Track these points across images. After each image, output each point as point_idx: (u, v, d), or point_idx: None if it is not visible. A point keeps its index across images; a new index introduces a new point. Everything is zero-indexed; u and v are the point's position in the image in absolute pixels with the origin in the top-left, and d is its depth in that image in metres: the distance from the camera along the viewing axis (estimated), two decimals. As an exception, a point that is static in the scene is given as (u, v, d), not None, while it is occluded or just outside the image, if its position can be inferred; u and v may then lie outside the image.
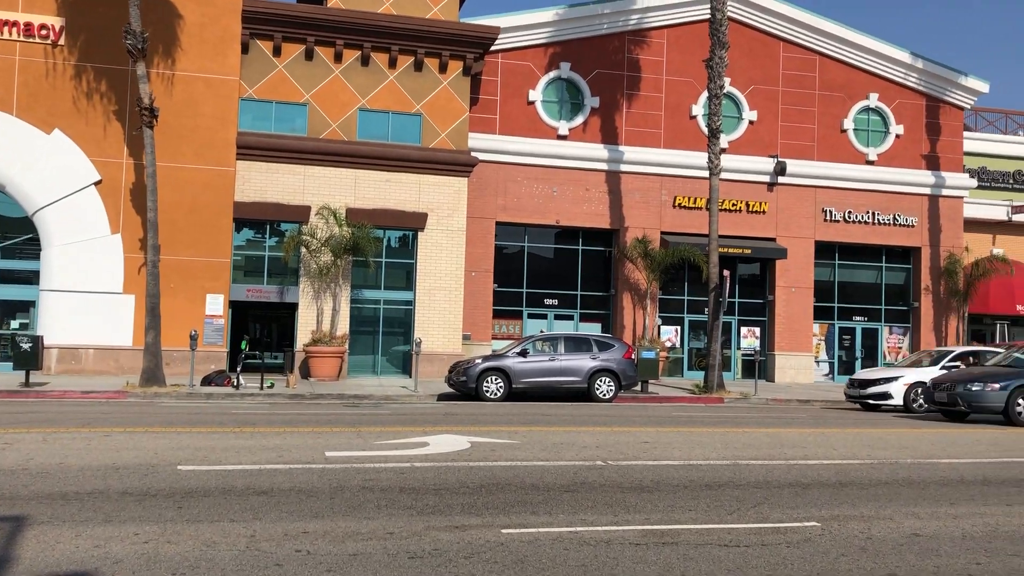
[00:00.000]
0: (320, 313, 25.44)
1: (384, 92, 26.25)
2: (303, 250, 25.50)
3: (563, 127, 28.44)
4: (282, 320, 28.35)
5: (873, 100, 29.97)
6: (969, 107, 31.18)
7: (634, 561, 6.73)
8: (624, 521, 8.03)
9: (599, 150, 28.44)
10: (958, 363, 21.33)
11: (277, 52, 25.46)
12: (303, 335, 25.43)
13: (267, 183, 25.41)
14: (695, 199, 28.71)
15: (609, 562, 6.69)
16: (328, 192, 25.73)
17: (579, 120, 28.62)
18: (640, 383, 23.63)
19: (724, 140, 28.27)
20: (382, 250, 26.53)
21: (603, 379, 21.46)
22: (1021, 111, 33.31)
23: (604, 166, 28.50)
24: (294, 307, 25.88)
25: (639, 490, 9.53)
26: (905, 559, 7.04)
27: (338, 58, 25.82)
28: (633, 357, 22.42)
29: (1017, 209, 31.14)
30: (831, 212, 29.46)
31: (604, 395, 21.35)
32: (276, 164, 25.42)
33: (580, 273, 29.23)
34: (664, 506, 8.72)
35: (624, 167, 28.59)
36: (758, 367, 26.75)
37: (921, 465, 11.98)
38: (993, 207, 31.53)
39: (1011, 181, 32.00)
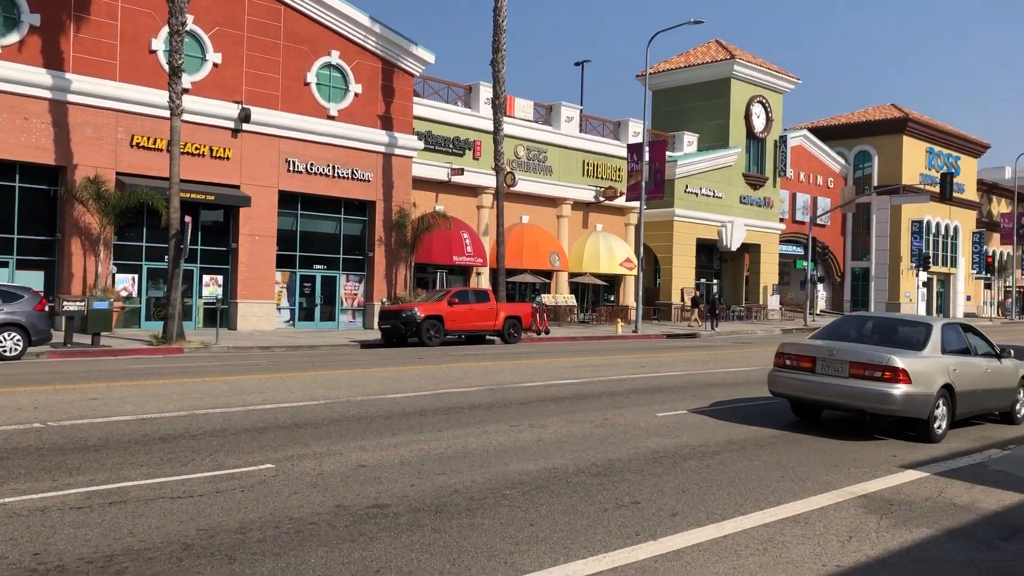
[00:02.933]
0: None
1: None
2: None
3: (-6, 44, 24.49)
4: None
5: (335, 57, 31.20)
6: (418, 75, 34.24)
7: (75, 526, 6.22)
8: (65, 485, 7.37)
9: (40, 75, 25.12)
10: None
11: None
12: None
13: None
14: (156, 140, 27.05)
15: (45, 531, 6.08)
16: None
17: (14, 38, 24.91)
18: (92, 336, 21.77)
19: (187, 80, 27.03)
20: None
21: (9, 334, 19.08)
22: (460, 83, 37.56)
23: (48, 94, 25.28)
24: None
25: (85, 450, 8.82)
26: (352, 489, 7.60)
27: None
28: (46, 309, 20.36)
29: (455, 172, 35.23)
30: (295, 163, 30.14)
31: (11, 352, 19.00)
32: None
33: (17, 214, 25.69)
34: (112, 464, 8.20)
35: (73, 97, 25.70)
36: (220, 315, 26.43)
37: (371, 402, 13.02)
38: (437, 168, 35.20)
39: (451, 146, 36.00)
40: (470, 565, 5.74)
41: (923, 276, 59.56)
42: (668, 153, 41.80)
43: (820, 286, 56.76)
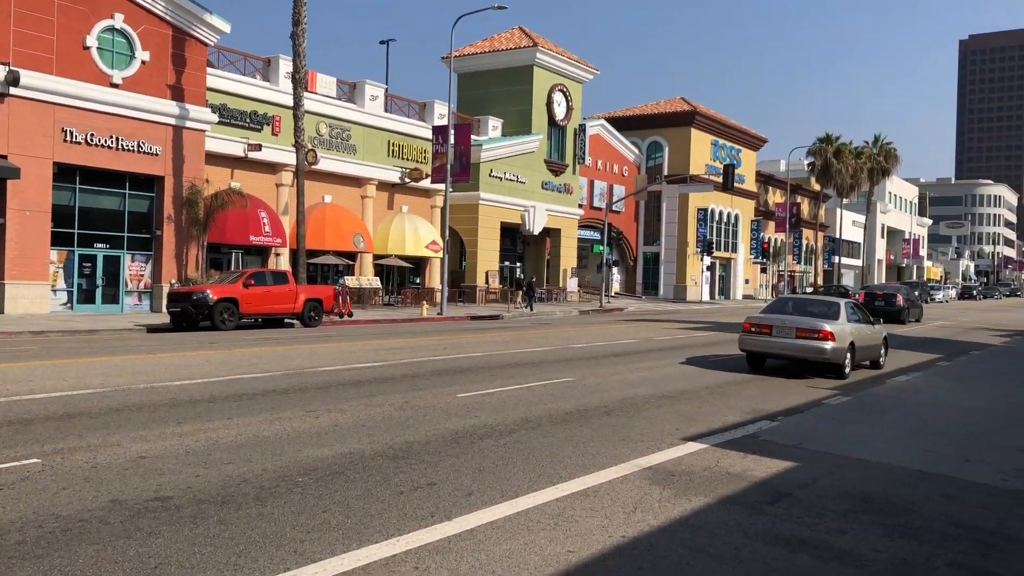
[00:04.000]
0: None
1: None
2: None
3: None
4: None
5: (119, 21, 28.97)
6: (213, 44, 32.45)
7: None
8: None
9: None
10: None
11: None
12: None
13: None
14: (-97, 101, 24.05)
15: None
16: None
17: None
18: None
19: (-57, 35, 24.23)
20: None
21: None
22: (259, 56, 35.99)
23: None
24: None
25: None
26: (129, 482, 7.10)
27: None
28: None
29: (252, 147, 33.77)
30: (72, 133, 27.75)
31: None
32: None
33: None
34: None
35: None
36: (-14, 298, 24.01)
37: (155, 389, 12.25)
38: (232, 143, 33.57)
39: (248, 120, 34.45)
40: (257, 556, 5.51)
41: (707, 260, 63.64)
42: (473, 137, 42.16)
43: (615, 269, 59.40)
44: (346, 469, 7.85)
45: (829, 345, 16.22)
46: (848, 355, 16.76)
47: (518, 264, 50.24)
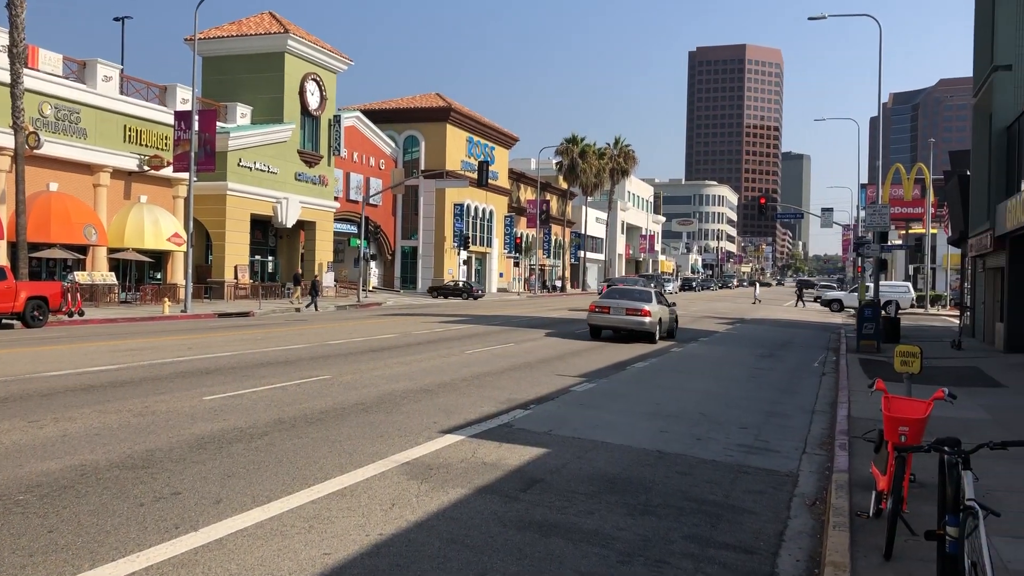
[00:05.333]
0: None
1: None
2: None
3: None
4: None
5: None
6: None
7: None
8: None
9: None
10: None
11: None
12: None
13: None
14: None
15: None
16: None
17: None
18: None
19: None
20: None
21: None
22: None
23: None
24: None
25: None
26: None
27: None
28: None
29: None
30: None
31: None
32: None
33: None
34: None
35: None
36: None
37: None
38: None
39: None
40: (-34, 590, 4.88)
41: (464, 255, 64.91)
42: (220, 124, 40.08)
43: (373, 263, 59.01)
44: (77, 483, 7.17)
45: (647, 320, 23.94)
46: (657, 327, 24.39)
47: (270, 258, 48.54)
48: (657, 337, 24.29)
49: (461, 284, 57.20)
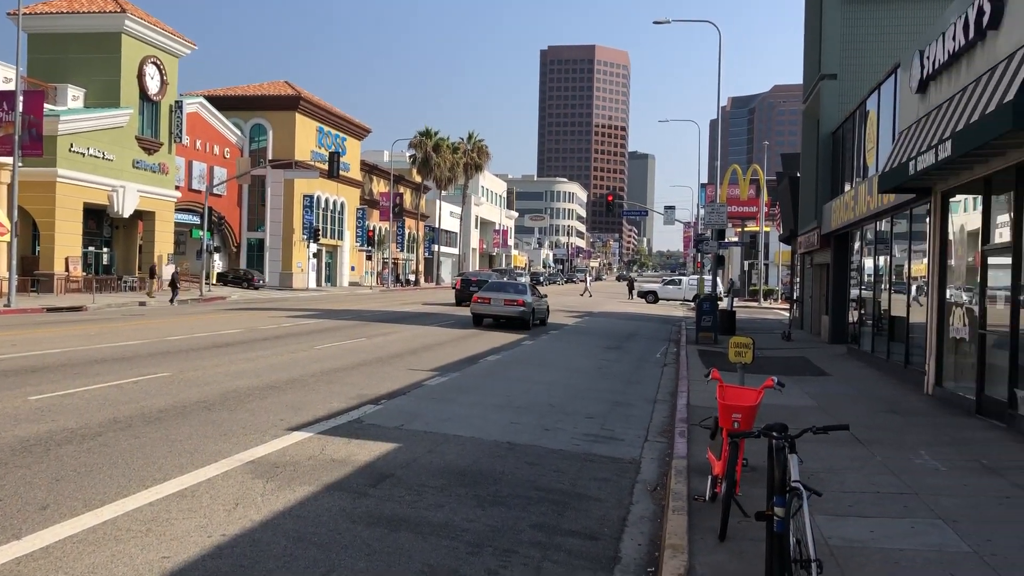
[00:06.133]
0: None
1: None
2: None
3: None
4: None
5: None
6: None
7: None
8: None
9: None
10: None
11: None
12: None
13: None
14: None
15: None
16: None
17: None
18: None
19: None
20: None
21: None
22: None
23: None
24: None
25: None
26: None
27: None
28: None
29: None
30: None
31: None
32: None
33: None
34: None
35: None
36: None
37: None
38: None
39: None
40: None
41: (314, 247, 63.47)
42: (49, 106, 37.50)
43: (217, 256, 56.80)
44: None
45: (522, 309, 27.38)
46: (531, 316, 27.92)
47: (105, 250, 45.89)
48: (531, 324, 27.88)
49: (243, 272, 57.23)
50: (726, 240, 37.31)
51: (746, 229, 65.78)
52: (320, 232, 62.84)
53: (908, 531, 6.61)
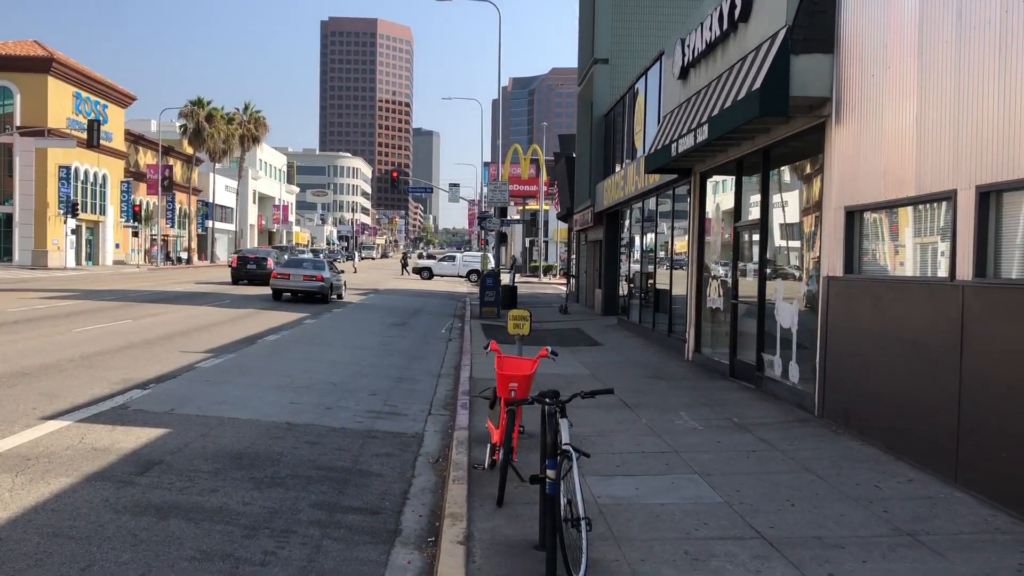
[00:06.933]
0: None
1: None
2: None
3: None
4: None
5: None
6: None
7: None
8: None
9: None
10: None
11: None
12: None
13: None
14: None
15: None
16: None
17: None
18: None
19: None
20: None
21: None
22: None
23: None
24: None
25: None
26: None
27: None
28: None
29: None
30: None
31: None
32: None
33: None
34: None
35: None
36: None
37: None
38: None
39: None
40: None
41: (72, 223, 58.48)
42: None
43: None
44: None
45: (321, 284, 28.76)
46: (329, 290, 29.26)
47: None
48: (329, 298, 29.48)
49: None
50: (508, 218, 38.24)
51: (527, 207, 67.71)
52: (79, 206, 57.98)
53: (669, 487, 7.12)
